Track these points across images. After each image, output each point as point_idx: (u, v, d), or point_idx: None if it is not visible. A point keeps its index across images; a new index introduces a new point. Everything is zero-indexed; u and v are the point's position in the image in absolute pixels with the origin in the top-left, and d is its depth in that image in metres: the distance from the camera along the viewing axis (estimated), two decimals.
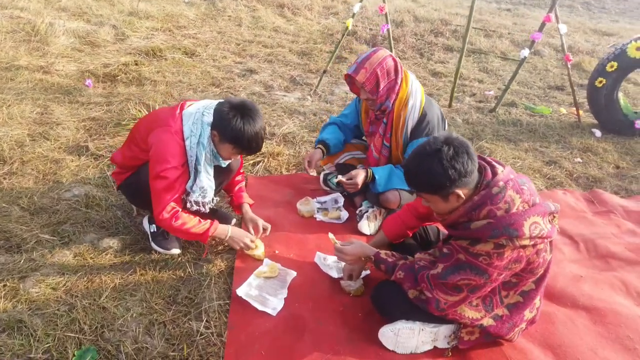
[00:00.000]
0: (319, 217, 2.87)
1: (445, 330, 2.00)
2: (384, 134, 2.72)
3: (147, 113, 3.76)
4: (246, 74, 5.12)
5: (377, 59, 2.56)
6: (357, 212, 2.87)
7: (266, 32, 6.52)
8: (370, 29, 6.83)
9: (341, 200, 3.00)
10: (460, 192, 1.78)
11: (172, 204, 2.15)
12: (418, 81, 2.76)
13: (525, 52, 4.46)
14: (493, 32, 7.24)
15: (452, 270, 1.83)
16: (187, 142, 2.17)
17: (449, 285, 1.84)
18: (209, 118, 2.17)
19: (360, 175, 2.67)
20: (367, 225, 2.74)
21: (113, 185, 2.94)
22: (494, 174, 1.83)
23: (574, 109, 4.76)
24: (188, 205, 2.27)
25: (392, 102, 2.63)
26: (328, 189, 3.13)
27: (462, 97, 5.08)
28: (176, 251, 2.43)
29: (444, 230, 2.37)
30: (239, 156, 2.35)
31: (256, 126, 2.15)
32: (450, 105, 4.78)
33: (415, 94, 2.66)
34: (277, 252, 2.52)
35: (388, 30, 4.75)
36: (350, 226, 2.81)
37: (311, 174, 2.81)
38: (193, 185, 2.24)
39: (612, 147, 4.17)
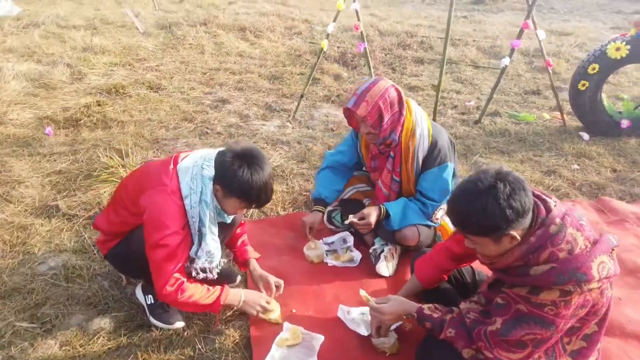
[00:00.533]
0: (330, 261, 2.61)
1: None
2: (392, 168, 2.50)
3: (119, 159, 3.42)
4: (218, 104, 4.83)
5: (379, 91, 2.35)
6: (371, 251, 2.63)
7: (231, 58, 6.25)
8: (338, 47, 6.67)
9: (350, 239, 2.76)
10: (515, 233, 1.57)
11: (176, 274, 1.85)
12: (420, 107, 2.58)
13: (506, 61, 4.37)
14: (459, 41, 7.23)
15: (513, 325, 1.61)
16: (187, 202, 1.88)
17: (512, 342, 1.62)
18: (210, 171, 1.89)
19: (373, 214, 2.44)
20: (386, 266, 2.51)
21: (94, 250, 2.59)
22: (548, 209, 1.63)
23: (557, 113, 4.72)
24: (194, 273, 1.97)
25: (398, 134, 2.42)
26: (333, 227, 2.88)
27: (445, 110, 4.96)
28: (180, 324, 2.12)
29: (480, 269, 2.16)
30: (245, 210, 2.08)
31: (265, 175, 1.89)
32: (434, 120, 4.63)
33: (421, 122, 2.47)
34: (294, 311, 2.24)
35: (365, 49, 4.58)
36: (366, 268, 2.57)
37: (312, 245, 2.62)
38: (198, 250, 1.94)
39: (604, 149, 4.11)
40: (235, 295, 2.02)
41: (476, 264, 2.07)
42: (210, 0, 9.64)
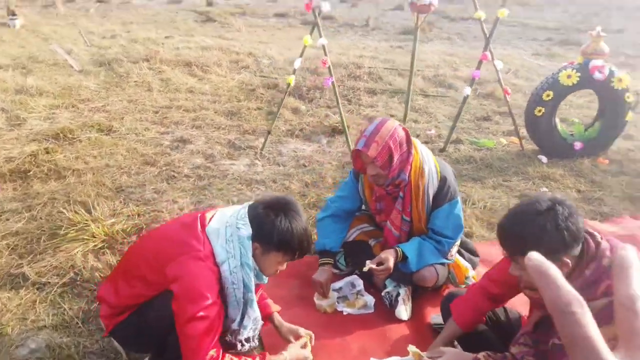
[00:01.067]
0: (345, 309, 2.48)
1: None
2: (402, 208, 2.44)
3: (85, 213, 3.09)
4: (179, 145, 4.57)
5: (388, 131, 2.31)
6: (384, 294, 2.52)
7: (182, 95, 6.00)
8: None
9: (359, 282, 2.64)
10: (567, 259, 1.55)
11: (212, 351, 1.63)
12: (423, 145, 2.56)
13: (468, 91, 4.54)
14: (404, 71, 7.45)
15: None
16: (224, 268, 1.70)
17: None
18: (247, 230, 1.73)
19: (390, 259, 2.35)
20: (405, 310, 2.41)
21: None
22: (596, 243, 1.63)
23: (513, 138, 4.95)
24: (239, 347, 1.78)
25: (407, 174, 2.37)
26: (337, 271, 2.75)
27: None
28: None
29: (511, 307, 2.12)
30: (284, 266, 1.91)
31: (303, 221, 1.80)
32: None
33: (428, 160, 2.45)
34: None
35: (333, 83, 4.55)
36: (382, 313, 2.46)
37: (325, 304, 2.48)
38: (244, 319, 1.76)
39: (564, 171, 4.33)
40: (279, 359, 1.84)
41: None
42: (145, 34, 9.30)
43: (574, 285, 1.58)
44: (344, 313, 2.45)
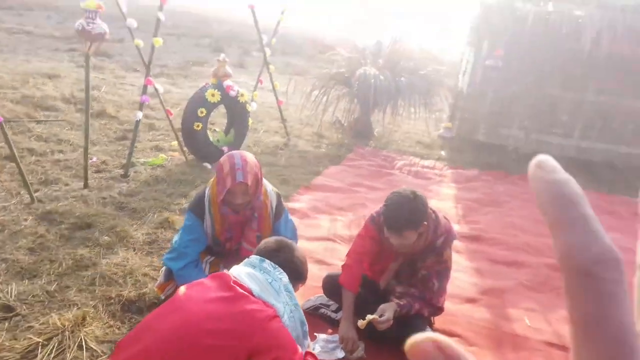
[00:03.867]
0: None
1: None
2: (258, 227, 2.78)
3: None
4: None
5: (253, 160, 2.63)
6: None
7: None
8: None
9: None
10: (426, 222, 2.57)
11: None
12: None
13: (139, 115, 4.65)
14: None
15: (441, 280, 2.65)
16: (285, 318, 1.81)
17: (444, 289, 2.68)
18: (285, 276, 1.92)
19: None
20: None
21: None
22: None
23: (171, 152, 5.43)
24: None
25: (262, 196, 2.74)
26: None
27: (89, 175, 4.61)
28: None
29: None
30: None
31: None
32: (85, 186, 4.33)
33: (263, 180, 2.86)
34: None
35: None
36: None
37: None
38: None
39: None
40: None
41: None
42: None
43: (429, 236, 2.68)
44: None
